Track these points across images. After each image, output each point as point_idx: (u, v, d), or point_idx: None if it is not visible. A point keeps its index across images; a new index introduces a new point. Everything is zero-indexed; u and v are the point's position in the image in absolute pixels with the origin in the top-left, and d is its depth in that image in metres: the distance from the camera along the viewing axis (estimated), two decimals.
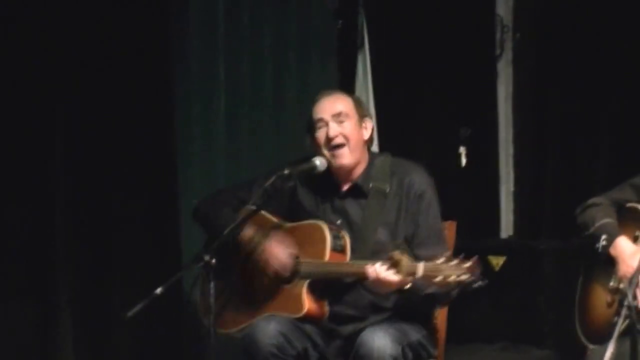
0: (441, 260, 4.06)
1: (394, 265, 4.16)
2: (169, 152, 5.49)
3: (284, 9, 5.79)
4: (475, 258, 4.05)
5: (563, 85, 6.66)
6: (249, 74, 5.68)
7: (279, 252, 4.52)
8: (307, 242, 4.51)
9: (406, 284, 4.20)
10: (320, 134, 4.53)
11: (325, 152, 4.52)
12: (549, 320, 5.93)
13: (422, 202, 4.50)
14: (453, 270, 4.04)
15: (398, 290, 4.31)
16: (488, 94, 6.92)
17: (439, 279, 4.05)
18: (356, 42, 6.38)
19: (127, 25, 5.41)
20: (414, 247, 4.43)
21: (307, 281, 4.43)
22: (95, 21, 5.36)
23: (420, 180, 4.53)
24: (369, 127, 4.60)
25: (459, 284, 4.06)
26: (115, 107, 5.41)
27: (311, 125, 4.57)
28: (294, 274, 4.49)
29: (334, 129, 4.51)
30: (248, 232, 4.56)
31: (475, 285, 4.12)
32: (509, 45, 6.94)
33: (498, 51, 6.93)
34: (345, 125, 4.52)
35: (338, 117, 4.52)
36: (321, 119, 4.53)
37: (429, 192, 4.52)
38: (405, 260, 4.14)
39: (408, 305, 4.41)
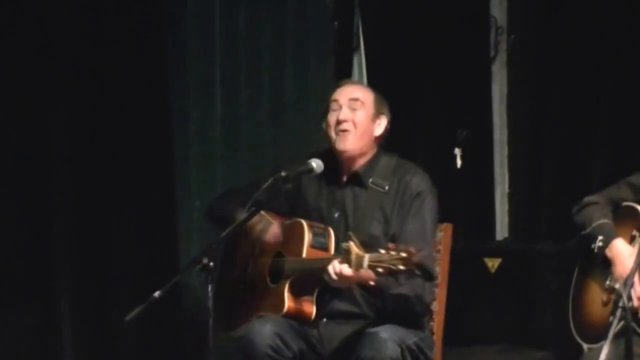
0: (383, 251, 4.10)
1: (346, 259, 4.21)
2: (167, 156, 5.50)
3: (281, 11, 5.79)
4: (411, 249, 4.08)
5: (558, 87, 6.66)
6: (246, 76, 5.68)
7: (274, 226, 4.57)
8: (290, 240, 4.55)
9: (363, 278, 4.23)
10: (332, 116, 4.57)
11: (333, 134, 4.56)
12: (546, 322, 5.94)
13: (416, 201, 4.51)
14: (391, 261, 4.07)
15: (365, 288, 4.35)
16: (483, 95, 6.92)
17: (381, 269, 4.09)
18: (352, 44, 6.39)
19: (124, 29, 5.42)
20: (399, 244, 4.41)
21: (289, 280, 4.46)
22: (92, 24, 5.37)
23: (419, 181, 4.54)
24: (382, 124, 4.61)
25: (395, 272, 4.09)
26: (113, 110, 5.42)
27: (327, 106, 4.60)
28: (280, 273, 4.52)
29: (345, 113, 4.54)
30: (250, 223, 4.58)
31: (411, 275, 4.17)
32: (503, 47, 6.93)
33: (493, 53, 6.93)
34: (358, 112, 4.55)
35: (353, 102, 4.55)
36: (336, 101, 4.58)
37: (426, 194, 4.52)
38: (354, 252, 4.17)
39: (390, 306, 4.43)
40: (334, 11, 6.18)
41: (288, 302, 4.43)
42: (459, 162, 6.59)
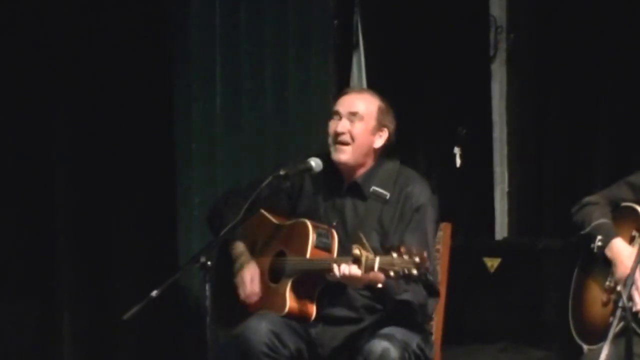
0: (395, 254, 4.08)
1: (356, 261, 4.18)
2: (168, 154, 5.49)
3: (282, 8, 5.78)
4: (423, 253, 4.07)
5: (557, 85, 6.66)
6: (248, 74, 5.67)
7: (247, 280, 4.54)
8: (294, 240, 4.53)
9: (372, 280, 4.21)
10: (332, 125, 4.56)
11: (331, 143, 4.55)
12: (546, 321, 5.94)
13: (416, 215, 4.48)
14: (404, 265, 4.05)
15: (371, 289, 4.33)
16: (482, 94, 6.92)
17: (392, 272, 4.07)
18: (351, 42, 6.38)
19: (125, 26, 5.40)
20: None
21: (291, 279, 4.45)
22: (94, 22, 5.35)
23: (420, 192, 4.51)
24: (384, 136, 4.57)
25: (407, 276, 4.07)
26: (114, 109, 5.40)
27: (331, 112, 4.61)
28: (280, 272, 4.51)
29: (343, 125, 4.52)
30: (238, 248, 4.60)
31: (424, 278, 4.14)
32: (503, 46, 6.93)
33: (492, 52, 6.92)
34: (356, 125, 4.52)
35: (353, 115, 4.53)
36: (337, 112, 4.56)
37: (426, 206, 4.50)
38: (365, 254, 4.15)
39: (392, 310, 4.42)
40: (334, 9, 6.16)
41: (290, 301, 4.42)
42: (458, 161, 6.58)
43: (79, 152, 5.38)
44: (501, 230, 6.87)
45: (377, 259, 4.11)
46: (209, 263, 4.03)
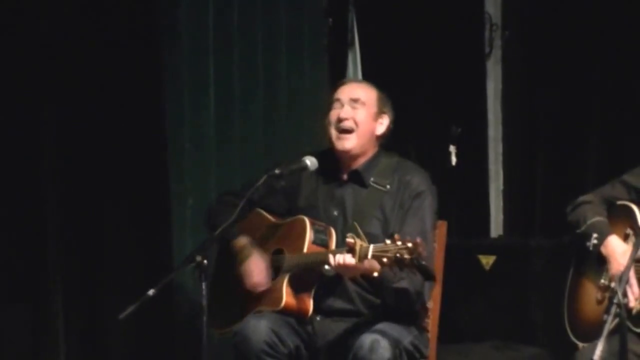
0: (389, 241, 4.09)
1: (350, 250, 4.19)
2: (160, 156, 5.49)
3: (274, 8, 5.79)
4: (417, 240, 4.07)
5: (552, 83, 6.66)
6: (240, 74, 5.67)
7: (254, 270, 4.54)
8: (291, 237, 4.54)
9: (368, 269, 4.20)
10: (333, 113, 4.58)
11: (333, 132, 4.56)
12: (540, 319, 5.94)
13: (416, 201, 4.51)
14: (397, 250, 4.06)
15: (367, 278, 4.33)
16: (477, 92, 6.92)
17: (386, 259, 4.08)
18: (346, 40, 6.38)
19: (117, 27, 5.41)
20: None
21: (288, 275, 4.45)
22: (85, 23, 5.36)
23: (419, 181, 4.54)
24: (384, 123, 4.62)
25: (401, 261, 4.07)
26: (108, 111, 5.41)
27: (329, 104, 4.62)
28: (278, 269, 4.52)
29: (346, 111, 4.55)
30: (240, 241, 4.59)
31: (417, 263, 4.11)
32: (498, 44, 6.94)
33: (487, 49, 6.93)
34: (359, 111, 4.55)
35: (355, 102, 4.56)
36: (338, 100, 4.59)
37: (426, 194, 4.52)
38: (358, 243, 4.16)
39: (390, 300, 4.42)
40: (328, 7, 6.17)
41: (286, 296, 4.43)
42: (453, 160, 6.58)
43: (73, 154, 5.39)
44: (496, 228, 6.88)
45: (371, 247, 4.12)
46: (204, 262, 4.03)
